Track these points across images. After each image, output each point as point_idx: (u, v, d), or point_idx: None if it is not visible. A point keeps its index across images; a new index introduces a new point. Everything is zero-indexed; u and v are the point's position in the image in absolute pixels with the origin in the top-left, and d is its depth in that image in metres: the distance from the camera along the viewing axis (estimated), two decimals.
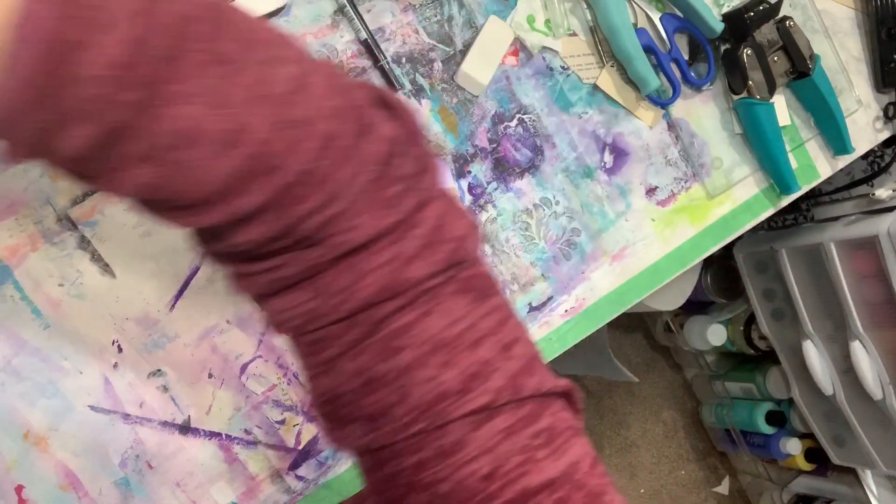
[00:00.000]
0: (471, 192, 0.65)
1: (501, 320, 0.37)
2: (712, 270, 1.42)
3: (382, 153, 0.34)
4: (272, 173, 0.31)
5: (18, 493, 0.53)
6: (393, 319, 0.35)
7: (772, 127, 0.72)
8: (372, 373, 0.35)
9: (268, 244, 0.34)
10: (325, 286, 0.35)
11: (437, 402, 0.35)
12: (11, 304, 0.53)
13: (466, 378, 0.35)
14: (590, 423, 1.65)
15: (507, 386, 0.35)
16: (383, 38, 0.62)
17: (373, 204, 0.34)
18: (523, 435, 0.35)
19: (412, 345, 0.35)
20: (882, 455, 1.16)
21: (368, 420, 0.36)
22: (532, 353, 0.38)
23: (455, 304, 0.36)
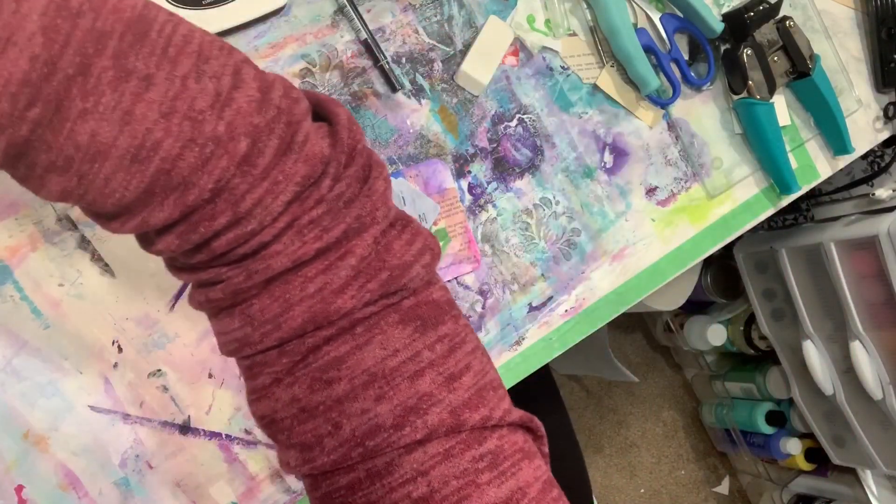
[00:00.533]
0: (471, 192, 0.65)
1: (450, 349, 0.36)
2: (712, 270, 1.42)
3: (309, 173, 0.33)
4: (182, 190, 0.31)
5: (18, 493, 0.53)
6: (324, 350, 0.34)
7: (772, 127, 0.72)
8: (304, 403, 0.35)
9: (192, 255, 0.34)
10: (254, 314, 0.34)
11: (369, 437, 0.34)
12: (11, 304, 0.53)
13: (402, 412, 0.34)
14: (590, 423, 1.65)
15: (447, 421, 0.34)
16: (383, 38, 0.62)
17: (295, 228, 0.33)
18: (464, 458, 0.34)
19: (345, 377, 0.34)
20: (882, 455, 1.16)
21: (303, 448, 0.35)
22: (483, 384, 0.36)
23: (395, 335, 0.35)
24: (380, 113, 0.62)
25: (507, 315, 0.66)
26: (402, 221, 0.36)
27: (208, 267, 0.34)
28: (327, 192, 0.33)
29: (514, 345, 0.66)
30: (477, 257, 0.65)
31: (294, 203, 0.33)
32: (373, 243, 0.34)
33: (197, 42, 0.31)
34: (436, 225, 0.63)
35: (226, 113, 0.31)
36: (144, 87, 0.29)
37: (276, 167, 0.32)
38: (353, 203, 0.34)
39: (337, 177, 0.34)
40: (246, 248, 0.33)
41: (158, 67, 0.30)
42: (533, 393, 0.89)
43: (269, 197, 0.32)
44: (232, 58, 0.32)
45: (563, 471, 0.89)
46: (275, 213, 0.32)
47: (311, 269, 0.33)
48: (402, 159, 0.63)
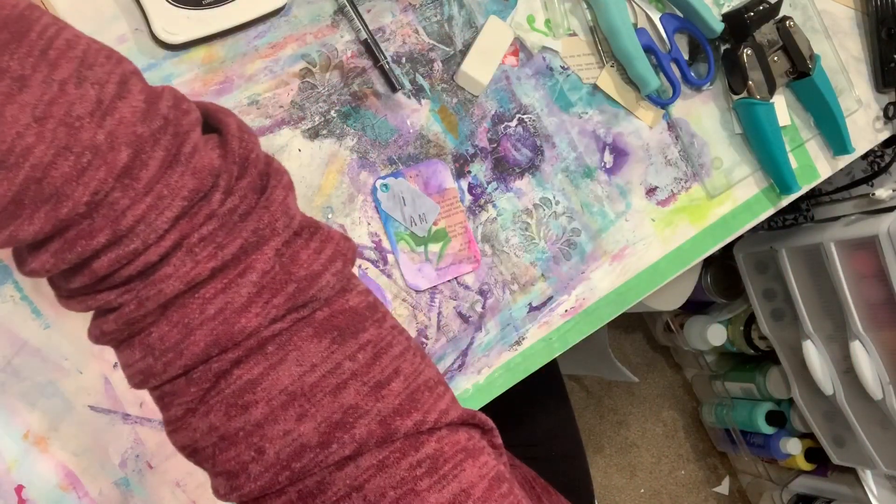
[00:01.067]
0: (471, 192, 0.65)
1: (374, 356, 0.34)
2: (712, 270, 1.42)
3: (197, 187, 0.31)
4: (55, 202, 0.29)
5: (18, 493, 0.53)
6: (235, 374, 0.32)
7: (772, 127, 0.72)
8: (223, 431, 0.33)
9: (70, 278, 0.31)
10: (153, 343, 0.32)
11: (295, 459, 0.32)
12: (11, 304, 0.53)
13: (327, 429, 0.32)
14: (590, 423, 1.65)
15: (376, 432, 0.32)
16: (383, 38, 0.62)
17: (185, 247, 0.31)
18: (400, 467, 0.33)
19: (262, 399, 0.32)
20: (882, 455, 1.16)
21: (229, 476, 0.33)
22: (416, 385, 0.34)
23: (310, 349, 0.33)
24: (380, 113, 0.62)
25: (507, 315, 0.66)
26: (310, 229, 0.34)
27: (94, 291, 0.32)
28: (218, 206, 0.32)
29: (514, 345, 0.66)
30: (477, 257, 0.65)
31: (182, 219, 0.31)
32: (275, 256, 0.32)
33: (81, 48, 0.30)
34: (436, 225, 0.63)
35: (107, 121, 0.29)
36: (17, 88, 0.28)
37: (161, 180, 0.30)
38: (248, 216, 0.32)
39: (228, 189, 0.32)
40: (131, 270, 0.31)
41: (35, 69, 0.28)
42: (539, 392, 0.89)
43: (153, 213, 0.30)
44: (120, 67, 0.30)
45: (566, 471, 0.89)
46: (160, 230, 0.30)
47: (208, 289, 0.31)
48: (402, 159, 0.63)
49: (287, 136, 0.60)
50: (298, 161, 0.60)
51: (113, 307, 0.32)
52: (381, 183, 0.62)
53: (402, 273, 0.62)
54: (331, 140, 0.61)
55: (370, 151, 0.62)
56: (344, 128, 0.61)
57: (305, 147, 0.60)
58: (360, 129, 0.62)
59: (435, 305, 0.63)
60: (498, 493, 0.34)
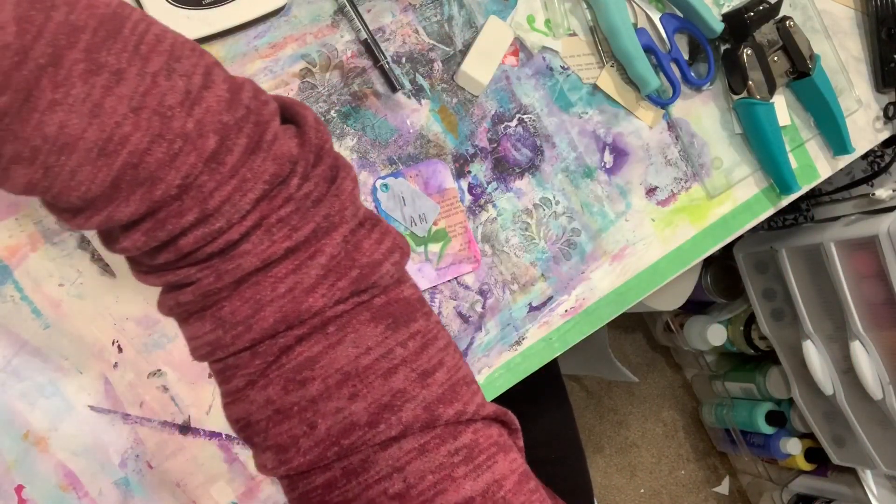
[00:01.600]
0: (471, 192, 0.65)
1: (422, 346, 0.36)
2: (712, 270, 1.42)
3: (277, 172, 0.33)
4: (149, 185, 0.31)
5: (18, 493, 0.53)
6: (297, 350, 0.34)
7: (772, 127, 0.72)
8: (279, 404, 0.35)
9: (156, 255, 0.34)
10: (225, 316, 0.34)
11: (344, 435, 0.34)
12: (11, 304, 0.53)
13: (376, 409, 0.34)
14: (590, 423, 1.65)
15: (421, 416, 0.34)
16: (383, 38, 0.62)
17: (264, 227, 0.33)
18: (439, 453, 0.35)
19: (319, 376, 0.34)
20: (882, 455, 1.16)
21: (278, 450, 0.35)
22: (457, 379, 0.36)
23: (367, 333, 0.35)
24: (380, 113, 0.62)
25: (507, 315, 0.66)
26: (372, 221, 0.37)
27: (175, 268, 0.34)
28: (296, 190, 0.34)
29: (514, 345, 0.66)
30: (477, 257, 0.65)
31: (262, 201, 0.33)
32: (342, 242, 0.35)
33: (169, 42, 0.32)
34: (436, 225, 0.63)
35: (195, 110, 0.31)
36: (115, 81, 0.30)
37: (245, 165, 0.32)
38: (321, 202, 0.34)
39: (305, 176, 0.34)
40: (213, 247, 0.33)
41: (130, 63, 0.30)
42: (539, 392, 0.89)
43: (238, 194, 0.32)
44: (203, 59, 0.33)
45: (565, 471, 0.89)
46: (243, 210, 0.33)
47: (281, 268, 0.34)
48: (402, 159, 0.63)
49: None
50: None
51: (190, 282, 0.34)
52: (381, 183, 0.62)
53: None
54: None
55: (370, 151, 0.62)
56: (344, 128, 0.61)
57: None
58: (360, 129, 0.62)
59: (435, 305, 0.63)
60: (527, 488, 0.36)
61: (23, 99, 0.28)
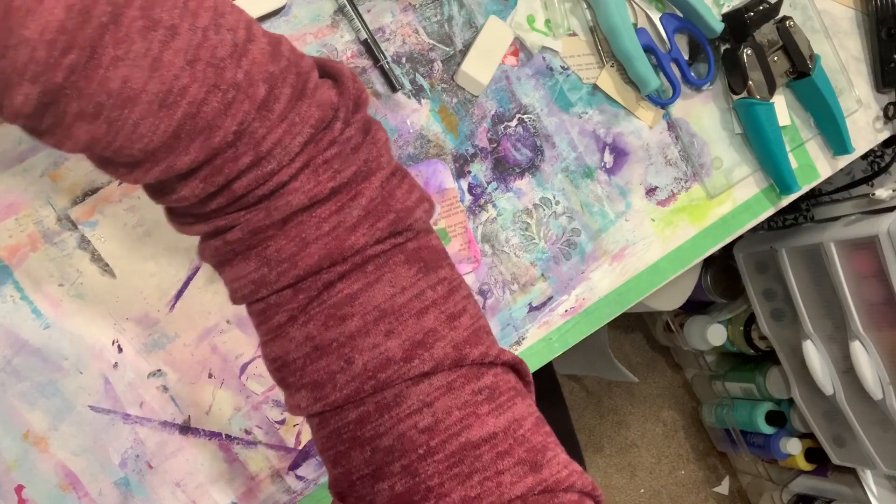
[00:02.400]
0: (471, 192, 0.65)
1: (449, 291, 0.38)
2: (712, 270, 1.42)
3: (321, 117, 0.35)
4: (207, 133, 0.33)
5: (18, 493, 0.53)
6: (338, 287, 0.36)
7: (772, 127, 0.72)
8: (318, 340, 0.36)
9: (209, 201, 0.35)
10: (270, 255, 0.36)
11: (380, 370, 0.36)
12: (11, 304, 0.53)
13: (410, 346, 0.36)
14: (590, 423, 1.65)
15: (451, 354, 0.36)
16: (383, 38, 0.62)
17: (311, 167, 0.35)
18: (465, 391, 0.36)
19: (358, 313, 0.36)
20: (882, 455, 1.16)
21: (314, 387, 0.37)
22: (479, 326, 0.39)
23: (402, 274, 0.37)
24: (380, 113, 0.62)
25: (507, 315, 0.66)
26: (402, 172, 0.39)
27: (226, 212, 0.36)
28: (339, 134, 0.36)
29: (514, 345, 0.66)
30: (477, 257, 0.65)
31: (309, 144, 0.35)
32: (379, 187, 0.37)
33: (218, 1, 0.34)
34: (436, 225, 0.63)
35: (243, 62, 0.33)
36: (170, 36, 0.31)
37: (293, 111, 0.34)
38: (360, 148, 0.36)
39: (346, 121, 0.36)
40: (264, 189, 0.35)
41: (182, 19, 0.32)
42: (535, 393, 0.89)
43: (288, 138, 0.34)
44: (242, 15, 0.35)
45: None
46: (292, 153, 0.35)
47: (325, 208, 0.36)
48: (402, 159, 0.63)
49: None
50: None
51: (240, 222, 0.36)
52: None
53: None
54: None
55: None
56: None
57: None
58: None
59: None
60: (544, 430, 0.38)
61: (88, 56, 0.30)
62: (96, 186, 0.55)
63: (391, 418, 0.36)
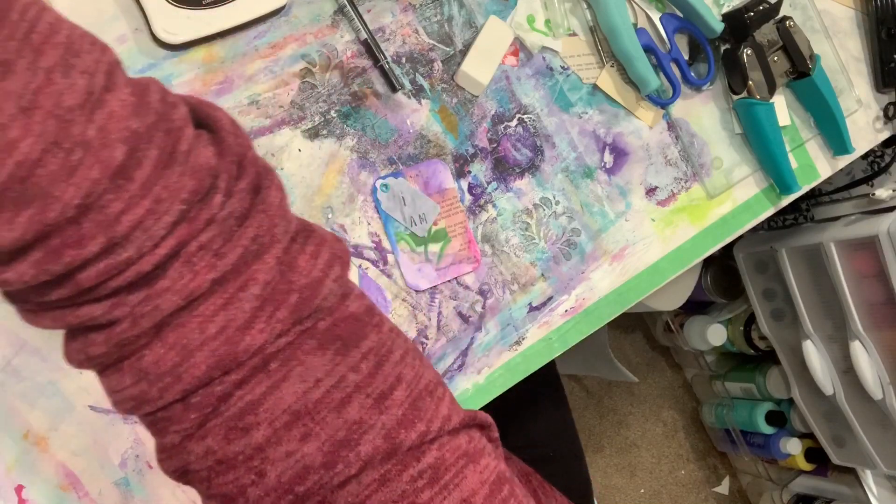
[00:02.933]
0: (471, 192, 0.65)
1: (376, 365, 0.32)
2: (712, 270, 1.42)
3: (196, 188, 0.28)
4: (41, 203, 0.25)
5: (18, 493, 0.53)
6: (237, 395, 0.30)
7: (772, 127, 0.72)
8: (222, 453, 0.30)
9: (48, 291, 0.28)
10: (147, 368, 0.29)
11: (298, 482, 0.30)
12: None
13: (331, 448, 0.30)
14: (590, 423, 1.65)
15: (381, 447, 0.31)
16: (383, 38, 0.62)
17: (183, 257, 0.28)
18: (402, 479, 0.31)
19: (264, 421, 0.30)
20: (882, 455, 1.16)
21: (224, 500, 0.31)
22: (418, 392, 0.33)
23: (314, 364, 0.30)
24: (380, 113, 0.62)
25: (507, 315, 0.66)
26: (304, 232, 0.32)
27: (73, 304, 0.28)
28: (218, 210, 0.29)
29: (514, 345, 0.66)
30: (477, 257, 0.65)
31: (180, 224, 0.28)
32: (275, 265, 0.30)
33: (66, 33, 0.26)
34: (436, 225, 0.63)
35: (97, 115, 0.26)
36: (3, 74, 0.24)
37: (159, 181, 0.27)
38: (246, 221, 0.30)
39: (228, 191, 0.29)
40: (120, 281, 0.27)
41: (19, 54, 0.25)
42: (537, 393, 0.89)
43: (151, 217, 0.27)
44: (105, 55, 0.27)
45: (564, 471, 0.89)
46: (157, 237, 0.27)
47: (208, 305, 0.29)
48: (402, 159, 0.63)
49: (287, 136, 0.60)
50: (298, 161, 0.60)
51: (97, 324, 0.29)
52: (381, 183, 0.62)
53: (402, 273, 0.62)
54: (331, 140, 0.61)
55: (370, 151, 0.62)
56: (344, 128, 0.61)
57: (305, 147, 0.60)
58: (360, 129, 0.62)
59: (435, 305, 0.63)
60: (499, 498, 0.33)
61: None
62: None
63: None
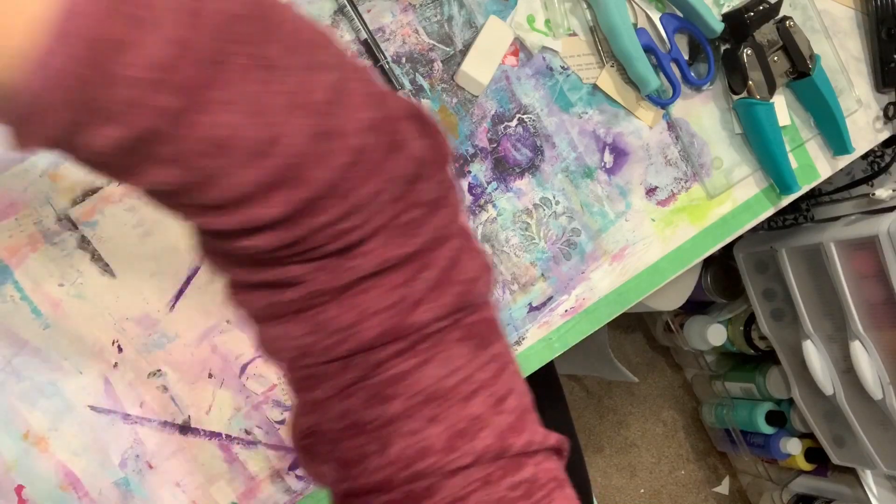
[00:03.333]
0: (471, 192, 0.65)
1: (499, 370, 0.35)
2: (712, 270, 1.42)
3: (408, 173, 0.32)
4: (298, 185, 0.29)
5: (18, 493, 0.53)
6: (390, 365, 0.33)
7: (772, 127, 0.72)
8: (357, 417, 0.33)
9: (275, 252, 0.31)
10: (325, 322, 0.32)
11: (417, 460, 0.32)
12: (11, 304, 0.53)
13: (452, 435, 0.33)
14: (590, 423, 1.65)
15: (493, 446, 0.33)
16: (383, 38, 0.62)
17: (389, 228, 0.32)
18: (501, 485, 0.33)
19: (404, 394, 0.33)
20: (882, 455, 1.16)
21: (343, 465, 0.34)
22: (525, 405, 0.35)
23: (455, 353, 0.33)
24: None
25: (507, 315, 0.66)
26: (467, 237, 0.35)
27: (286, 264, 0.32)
28: (423, 194, 0.33)
29: (514, 345, 0.66)
30: None
31: (395, 203, 0.32)
32: (449, 256, 0.33)
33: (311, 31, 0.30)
34: None
35: (345, 106, 0.30)
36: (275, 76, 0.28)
37: (385, 164, 0.31)
38: (437, 209, 0.33)
39: (430, 178, 0.33)
40: (335, 245, 0.31)
41: (287, 56, 0.28)
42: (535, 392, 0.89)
43: (377, 194, 0.31)
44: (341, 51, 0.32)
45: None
46: (375, 210, 0.31)
47: (393, 278, 0.32)
48: None
49: None
50: None
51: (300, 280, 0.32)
52: None
53: None
54: None
55: None
56: None
57: None
58: None
59: None
60: None
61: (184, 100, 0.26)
62: (96, 186, 0.55)
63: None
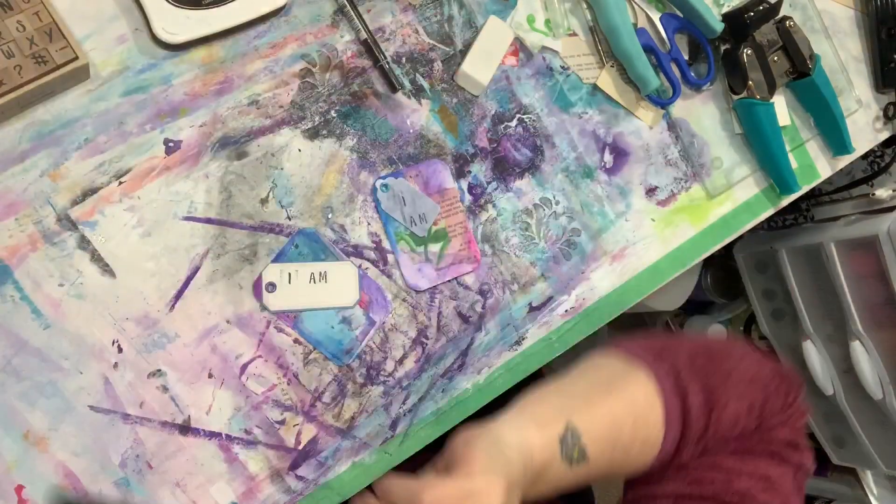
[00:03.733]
0: (471, 192, 0.65)
1: None
2: (712, 270, 1.42)
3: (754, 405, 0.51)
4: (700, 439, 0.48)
5: (18, 493, 0.53)
6: None
7: (772, 127, 0.72)
8: None
9: None
10: None
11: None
12: (11, 304, 0.53)
13: None
14: None
15: None
16: (383, 38, 0.62)
17: None
18: None
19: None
20: (882, 455, 1.16)
21: None
22: None
23: None
24: (380, 113, 0.62)
25: (507, 315, 0.66)
26: None
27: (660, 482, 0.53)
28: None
29: (515, 345, 0.66)
30: (477, 257, 0.65)
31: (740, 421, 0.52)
32: None
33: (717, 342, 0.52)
34: (436, 225, 0.63)
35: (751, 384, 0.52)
36: None
37: None
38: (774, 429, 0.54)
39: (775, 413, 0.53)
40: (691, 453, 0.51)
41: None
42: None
43: None
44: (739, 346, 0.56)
45: None
46: None
47: None
48: (402, 159, 0.63)
49: (287, 136, 0.60)
50: (298, 161, 0.60)
51: None
52: (381, 183, 0.62)
53: (402, 273, 0.62)
54: (331, 140, 0.61)
55: (370, 151, 0.62)
56: (344, 128, 0.61)
57: (305, 147, 0.60)
58: (360, 129, 0.62)
59: (435, 305, 0.63)
60: None
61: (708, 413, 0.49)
62: (96, 186, 0.55)
63: None
